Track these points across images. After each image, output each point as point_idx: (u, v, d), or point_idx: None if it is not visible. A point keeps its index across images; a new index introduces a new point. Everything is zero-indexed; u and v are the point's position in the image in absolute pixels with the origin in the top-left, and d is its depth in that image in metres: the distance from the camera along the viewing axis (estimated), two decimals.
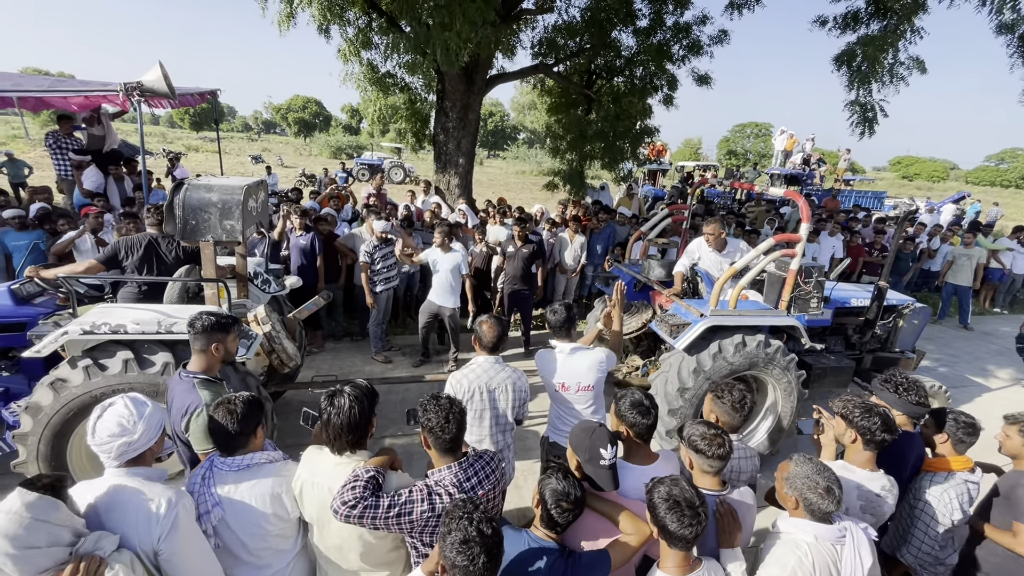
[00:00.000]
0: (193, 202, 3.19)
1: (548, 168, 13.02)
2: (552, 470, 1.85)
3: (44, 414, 2.90)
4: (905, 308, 5.16)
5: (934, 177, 50.56)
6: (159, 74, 5.52)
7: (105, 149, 7.78)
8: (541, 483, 1.83)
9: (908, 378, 2.65)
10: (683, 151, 56.11)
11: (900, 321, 5.13)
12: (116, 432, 1.73)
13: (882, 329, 5.17)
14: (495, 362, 2.80)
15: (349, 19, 8.13)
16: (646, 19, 9.50)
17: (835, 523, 1.88)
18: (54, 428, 2.94)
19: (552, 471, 1.84)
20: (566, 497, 1.75)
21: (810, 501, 1.86)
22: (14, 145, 23.59)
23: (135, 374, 2.94)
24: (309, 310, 4.15)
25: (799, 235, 3.98)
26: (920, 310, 5.18)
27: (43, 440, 2.94)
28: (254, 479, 1.93)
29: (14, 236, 5.36)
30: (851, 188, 20.12)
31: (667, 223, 5.86)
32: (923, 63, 8.36)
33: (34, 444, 2.94)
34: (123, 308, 3.26)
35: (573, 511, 1.77)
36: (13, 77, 7.33)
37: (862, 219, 11.20)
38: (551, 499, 1.76)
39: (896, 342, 5.20)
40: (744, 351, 4.03)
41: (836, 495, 1.84)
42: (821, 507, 1.84)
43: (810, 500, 1.86)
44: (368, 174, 24.40)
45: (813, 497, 1.85)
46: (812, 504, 1.86)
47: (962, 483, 2.46)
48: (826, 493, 1.84)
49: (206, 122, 49.02)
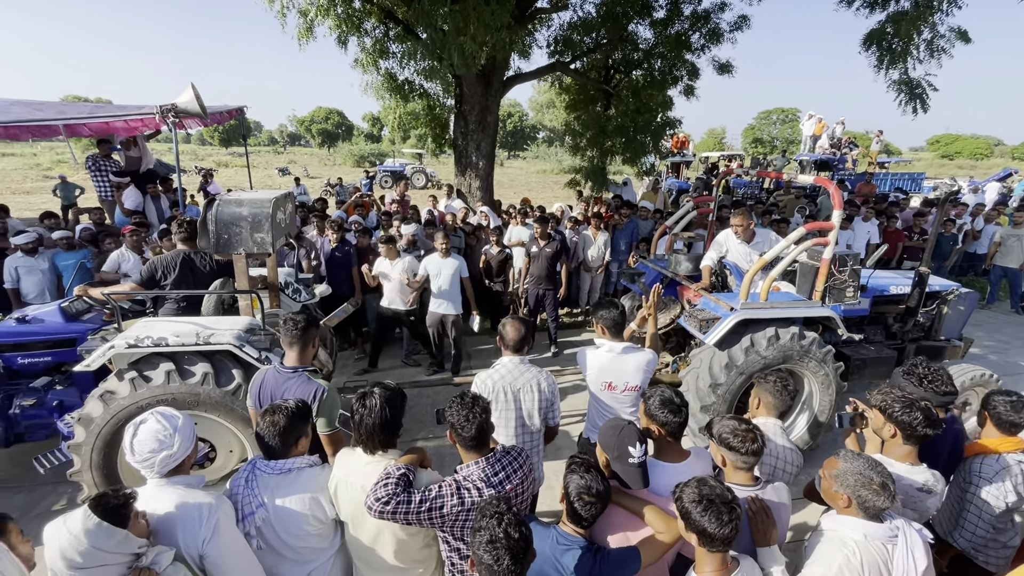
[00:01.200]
0: (225, 217, 3.31)
1: (569, 166, 12.96)
2: (576, 464, 1.85)
3: (95, 425, 3.04)
4: (949, 294, 4.93)
5: (977, 155, 48.04)
6: (192, 95, 5.74)
7: (142, 169, 8.14)
8: (565, 478, 1.84)
9: (932, 367, 2.55)
10: (707, 142, 54.96)
11: (944, 308, 4.90)
12: (155, 447, 1.82)
13: (925, 317, 4.96)
14: (520, 362, 2.79)
15: (366, 29, 8.29)
16: (663, 10, 9.36)
17: (886, 521, 1.81)
18: (105, 438, 3.08)
19: (576, 465, 1.85)
20: (588, 491, 1.76)
21: (864, 498, 1.79)
22: (60, 169, 24.89)
23: (177, 384, 3.06)
24: (338, 317, 4.24)
25: (831, 223, 3.85)
26: (966, 295, 4.94)
27: (95, 449, 3.09)
28: (295, 482, 2.00)
29: (63, 256, 5.65)
30: (886, 171, 19.33)
31: (692, 216, 5.76)
32: (966, 33, 7.96)
33: (87, 453, 3.09)
34: (164, 322, 3.38)
35: (596, 504, 1.77)
36: (56, 105, 7.75)
37: (900, 202, 10.73)
38: (574, 493, 1.77)
39: (941, 330, 4.98)
40: (777, 344, 3.92)
41: (891, 490, 1.77)
42: (876, 504, 1.77)
43: (864, 497, 1.79)
44: (391, 181, 24.78)
45: (867, 494, 1.78)
46: (866, 501, 1.78)
47: (1015, 464, 2.36)
48: (881, 489, 1.76)
49: (234, 138, 50.70)
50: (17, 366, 3.79)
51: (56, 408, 3.72)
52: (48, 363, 3.86)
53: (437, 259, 5.46)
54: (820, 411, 4.20)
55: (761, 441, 2.00)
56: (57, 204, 11.52)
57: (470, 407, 1.99)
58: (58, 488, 3.86)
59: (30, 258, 5.40)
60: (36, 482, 3.89)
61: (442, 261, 5.44)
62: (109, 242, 5.70)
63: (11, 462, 4.14)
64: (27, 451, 3.91)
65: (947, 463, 2.52)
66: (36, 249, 5.45)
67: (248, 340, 3.18)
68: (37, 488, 3.88)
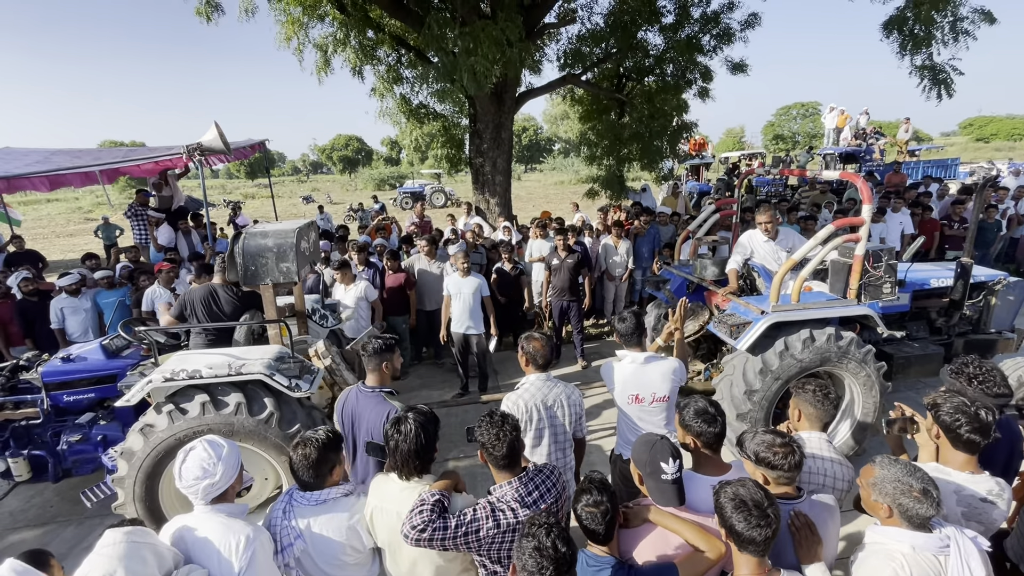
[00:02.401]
0: (251, 249, 3.40)
1: (587, 176, 12.96)
2: (584, 481, 1.84)
3: (137, 458, 3.13)
4: (996, 284, 4.66)
5: (1015, 135, 45.91)
6: (215, 133, 5.99)
7: (173, 207, 8.50)
8: (573, 501, 1.82)
9: (983, 366, 2.34)
10: (726, 142, 54.19)
11: (992, 299, 4.64)
12: (199, 475, 1.86)
13: (972, 309, 4.69)
14: (547, 379, 2.78)
15: (379, 57, 8.53)
16: (671, 15, 9.35)
17: (935, 531, 1.68)
18: (146, 470, 3.16)
19: (584, 482, 1.83)
20: (587, 502, 1.74)
21: (905, 507, 1.68)
22: (99, 212, 26.19)
23: (212, 415, 3.11)
24: (363, 341, 4.27)
25: (861, 218, 3.71)
26: (1015, 284, 4.67)
27: (137, 482, 3.17)
28: (331, 513, 2.01)
29: (104, 295, 5.91)
30: (917, 159, 18.65)
31: (715, 219, 5.64)
32: (991, 13, 7.68)
33: (130, 486, 3.17)
34: (197, 354, 3.44)
35: (596, 512, 1.72)
36: (94, 152, 8.19)
37: (936, 191, 10.30)
38: (579, 508, 1.76)
39: (990, 322, 4.70)
40: (813, 346, 3.77)
41: (934, 496, 1.65)
42: (920, 512, 1.65)
43: (905, 505, 1.68)
44: (411, 202, 25.21)
45: (908, 502, 1.67)
46: (908, 510, 1.67)
47: None
48: (923, 496, 1.65)
49: (259, 170, 52.49)
50: (64, 403, 3.95)
51: (100, 443, 3.85)
52: (92, 399, 4.00)
53: (457, 278, 5.45)
54: (864, 414, 4.01)
55: (800, 453, 1.91)
56: (99, 245, 12.10)
57: (500, 425, 1.98)
58: (105, 520, 3.97)
59: (74, 298, 5.66)
60: (84, 515, 4.02)
61: (462, 280, 5.42)
62: (144, 279, 5.94)
63: (60, 497, 4.30)
64: (75, 485, 4.06)
65: (1004, 471, 2.32)
66: (79, 290, 5.71)
67: (278, 368, 3.23)
68: (85, 521, 4.01)
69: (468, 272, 5.44)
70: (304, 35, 8.01)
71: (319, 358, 3.67)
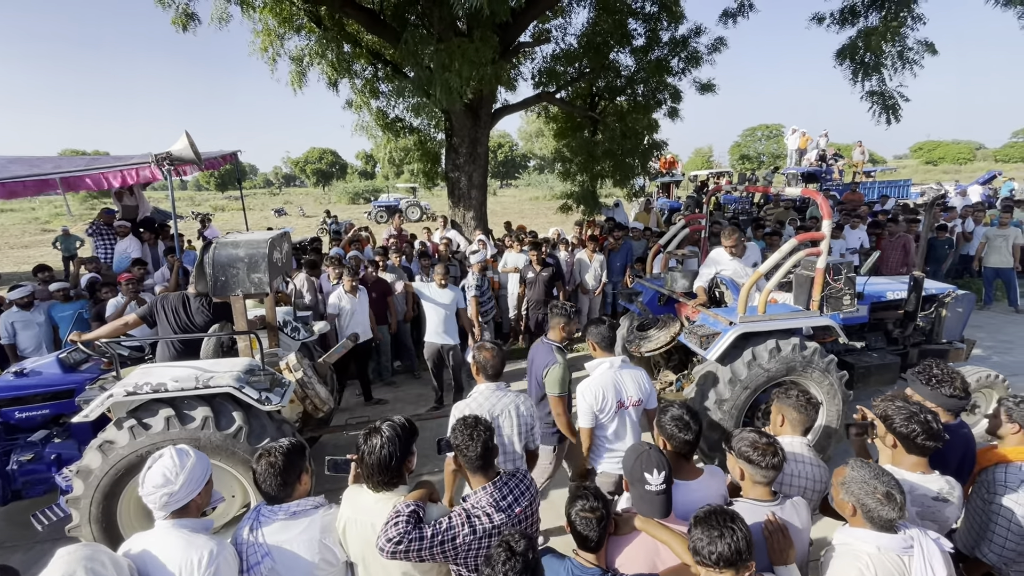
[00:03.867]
0: (222, 259, 3.33)
1: (561, 191, 13.16)
2: (575, 489, 1.86)
3: (94, 477, 2.98)
4: (946, 296, 4.94)
5: (960, 159, 48.88)
6: (186, 143, 5.86)
7: (139, 218, 8.22)
8: (567, 506, 1.83)
9: (944, 369, 2.50)
10: (695, 160, 55.99)
11: (943, 311, 4.90)
12: (159, 483, 1.79)
13: (924, 321, 4.96)
14: (496, 388, 2.79)
15: (356, 71, 8.54)
16: (642, 38, 9.69)
17: (900, 532, 1.76)
18: (104, 490, 3.01)
19: (575, 489, 1.85)
20: (583, 507, 1.76)
21: (869, 507, 1.75)
22: (58, 223, 25.11)
23: (177, 430, 2.99)
24: (338, 353, 4.21)
25: (822, 233, 3.89)
26: (962, 297, 4.96)
27: (94, 502, 3.01)
28: (302, 526, 1.94)
29: (60, 308, 5.65)
30: (873, 179, 19.64)
31: (685, 234, 5.82)
32: (933, 45, 8.24)
33: (86, 507, 3.01)
34: (163, 367, 3.34)
35: (593, 519, 1.74)
36: (54, 160, 7.87)
37: (891, 210, 10.87)
38: (572, 513, 1.78)
39: (942, 333, 4.97)
40: (779, 356, 3.90)
41: (898, 501, 1.73)
42: (881, 514, 1.73)
43: (869, 506, 1.75)
44: (386, 216, 25.08)
45: (872, 503, 1.74)
46: (871, 511, 1.75)
47: None
48: (886, 499, 1.73)
49: (230, 182, 51.46)
50: (15, 421, 3.75)
51: (54, 462, 3.66)
52: (47, 416, 3.81)
53: (434, 288, 5.45)
54: (828, 421, 4.15)
55: (782, 455, 1.98)
56: (56, 256, 11.60)
57: (473, 427, 2.00)
58: (57, 545, 3.69)
59: (26, 312, 5.40)
60: (35, 540, 3.79)
61: (439, 291, 5.43)
62: (105, 291, 5.71)
63: (7, 521, 4.03)
64: (24, 508, 3.81)
65: (958, 470, 2.46)
66: (32, 303, 5.46)
67: (248, 381, 3.15)
68: (35, 546, 3.77)
69: (445, 284, 5.44)
70: (280, 46, 7.98)
71: (290, 371, 3.59)
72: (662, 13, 9.45)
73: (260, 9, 7.42)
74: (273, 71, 8.11)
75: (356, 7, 7.69)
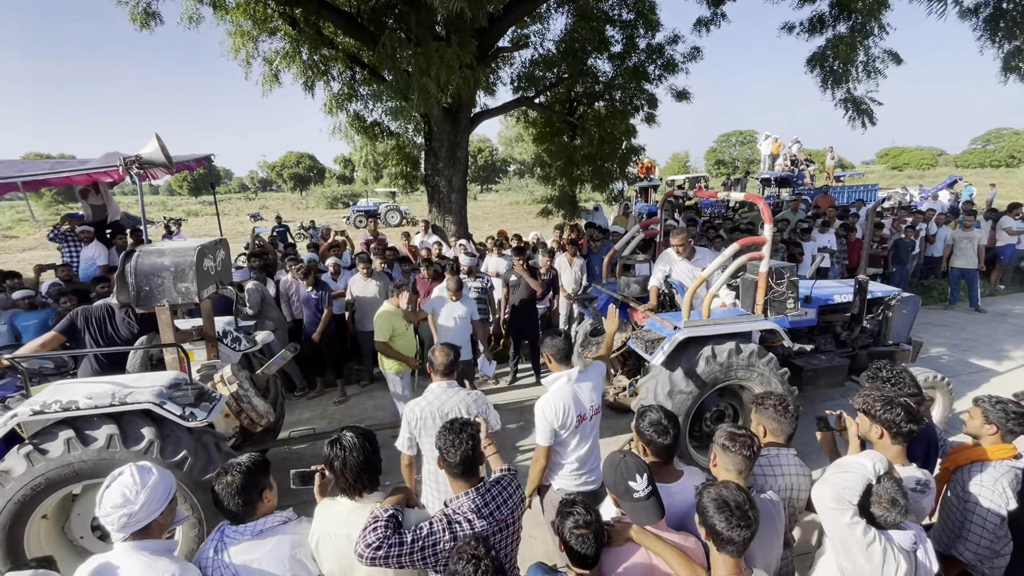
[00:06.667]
0: (145, 268, 3.17)
1: (541, 196, 13.25)
2: (563, 505, 1.83)
3: None
4: (892, 299, 4.99)
5: (923, 165, 50.86)
6: (156, 146, 5.67)
7: (108, 220, 7.96)
8: (556, 524, 1.80)
9: (896, 370, 2.58)
10: (672, 166, 56.90)
11: (889, 313, 4.96)
12: (118, 503, 1.69)
13: (871, 323, 5.02)
14: (448, 386, 2.85)
15: (333, 75, 8.45)
16: (619, 44, 9.83)
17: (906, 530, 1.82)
18: (4, 526, 2.78)
19: (563, 506, 1.82)
20: (576, 524, 1.74)
21: (873, 516, 1.80)
22: (19, 229, 24.18)
23: (79, 452, 2.79)
24: (277, 364, 4.02)
25: (763, 237, 3.92)
26: (908, 299, 5.02)
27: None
28: (270, 544, 1.85)
29: (23, 317, 5.42)
30: (843, 184, 20.27)
31: (640, 239, 5.83)
32: (897, 55, 8.56)
33: None
34: (79, 383, 3.14)
35: (588, 535, 1.72)
36: (16, 164, 7.59)
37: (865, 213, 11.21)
38: (566, 531, 1.75)
39: (888, 335, 5.03)
40: (716, 361, 3.91)
41: (901, 505, 1.77)
42: (888, 520, 1.78)
43: (874, 515, 1.80)
44: (365, 220, 24.83)
45: (877, 511, 1.79)
46: (877, 519, 1.80)
47: (1009, 470, 2.33)
48: (891, 505, 1.77)
49: (204, 187, 50.21)
50: None
51: None
52: None
53: (449, 302, 5.05)
54: None
55: (755, 449, 2.02)
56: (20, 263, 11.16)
57: (457, 432, 1.98)
58: None
59: None
60: None
61: (454, 304, 5.04)
62: (65, 300, 5.47)
63: None
64: None
65: (925, 461, 2.54)
66: None
67: (170, 396, 2.98)
68: None
69: (460, 296, 5.09)
70: (254, 48, 7.84)
71: (225, 384, 3.46)
72: (639, 21, 9.60)
73: (233, 10, 7.29)
74: (247, 74, 7.98)
75: (332, 9, 7.62)
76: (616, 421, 5.28)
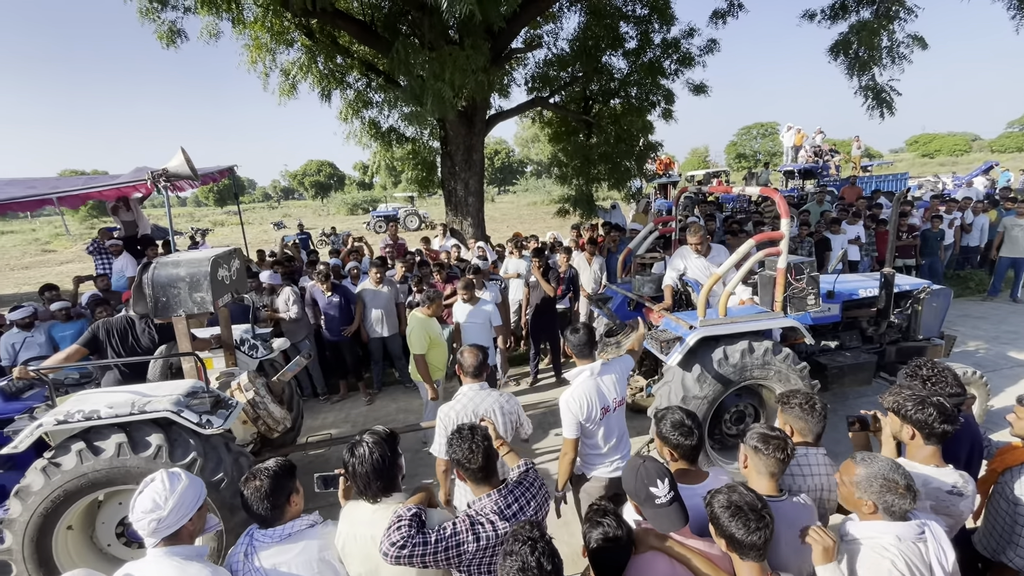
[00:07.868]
0: (162, 279, 3.24)
1: (558, 196, 13.20)
2: (593, 512, 1.80)
3: (18, 524, 2.86)
4: (921, 292, 4.77)
5: (956, 151, 48.95)
6: (182, 159, 5.85)
7: (139, 234, 8.24)
8: (585, 534, 1.77)
9: (936, 367, 2.44)
10: (691, 161, 56.06)
11: (918, 307, 4.74)
12: (148, 508, 1.73)
13: (900, 318, 4.81)
14: (480, 388, 2.85)
15: (349, 83, 8.59)
16: (634, 40, 9.73)
17: (912, 520, 1.76)
18: (32, 536, 2.88)
19: (593, 513, 1.79)
20: (605, 535, 1.70)
21: (890, 503, 1.73)
22: (58, 243, 25.21)
23: (91, 462, 2.86)
24: (292, 371, 4.07)
25: (780, 232, 3.78)
26: (938, 292, 4.78)
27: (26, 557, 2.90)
28: (298, 548, 1.88)
29: (60, 327, 5.63)
30: (870, 174, 19.65)
31: (654, 237, 5.70)
32: (923, 39, 8.27)
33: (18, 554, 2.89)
34: (100, 393, 3.22)
35: (614, 549, 1.69)
36: (51, 181, 7.91)
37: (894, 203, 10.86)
38: (592, 541, 1.72)
39: (918, 329, 4.79)
40: (729, 362, 3.77)
41: (915, 491, 1.73)
42: (903, 507, 1.73)
43: (890, 502, 1.73)
44: (385, 226, 25.13)
45: (894, 498, 1.73)
46: (893, 506, 1.73)
47: None
48: (907, 491, 1.72)
49: (229, 197, 51.57)
50: None
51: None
52: None
53: (466, 307, 4.97)
54: None
55: (789, 451, 1.96)
56: (59, 277, 11.63)
57: (470, 438, 1.98)
58: None
59: (26, 333, 5.38)
60: None
61: (474, 309, 4.95)
62: (100, 311, 5.66)
63: None
64: None
65: (968, 464, 2.41)
66: (32, 323, 5.44)
67: (188, 404, 3.04)
68: None
69: (475, 300, 5.03)
70: (271, 60, 8.02)
71: (241, 391, 3.52)
72: (653, 15, 9.49)
73: (251, 24, 7.47)
74: (265, 85, 8.17)
75: (347, 19, 7.74)
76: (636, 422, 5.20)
